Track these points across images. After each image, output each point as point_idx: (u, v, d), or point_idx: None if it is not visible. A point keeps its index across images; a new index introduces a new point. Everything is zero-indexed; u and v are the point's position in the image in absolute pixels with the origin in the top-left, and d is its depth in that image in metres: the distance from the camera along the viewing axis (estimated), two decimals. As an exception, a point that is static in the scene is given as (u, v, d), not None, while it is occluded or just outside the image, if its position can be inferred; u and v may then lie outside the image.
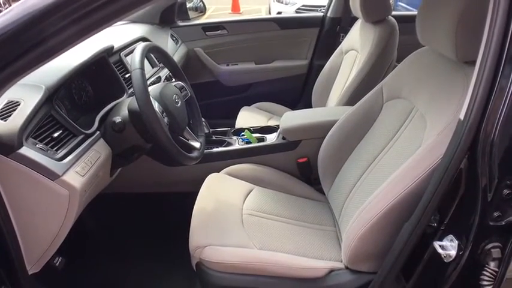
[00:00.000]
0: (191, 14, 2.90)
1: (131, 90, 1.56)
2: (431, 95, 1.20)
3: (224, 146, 1.80)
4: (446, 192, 0.90)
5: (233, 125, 2.26)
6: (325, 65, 2.34)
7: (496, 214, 0.85)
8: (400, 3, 7.92)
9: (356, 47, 2.10)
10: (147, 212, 1.89)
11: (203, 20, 2.90)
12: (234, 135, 1.90)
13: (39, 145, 1.05)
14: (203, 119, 1.75)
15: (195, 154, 1.36)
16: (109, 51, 1.51)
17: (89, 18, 0.75)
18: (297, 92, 2.80)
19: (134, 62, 1.17)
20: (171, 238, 1.63)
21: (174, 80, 1.50)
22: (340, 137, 1.52)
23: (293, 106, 2.65)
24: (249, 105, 2.49)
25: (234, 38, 2.68)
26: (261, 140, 1.83)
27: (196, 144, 1.41)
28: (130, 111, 1.24)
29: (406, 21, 2.10)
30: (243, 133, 1.83)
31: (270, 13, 7.62)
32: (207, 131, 1.77)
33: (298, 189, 1.67)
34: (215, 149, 1.77)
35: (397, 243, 1.03)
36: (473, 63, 1.10)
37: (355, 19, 2.23)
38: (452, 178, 0.88)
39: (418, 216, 0.95)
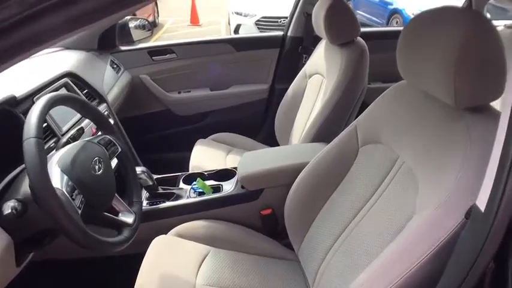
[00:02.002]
0: (139, 33, 2.53)
1: (47, 145, 1.25)
2: (419, 145, 0.96)
3: (173, 200, 1.51)
4: None
5: (188, 159, 1.98)
6: (288, 89, 2.10)
7: None
8: (358, 12, 7.89)
9: (321, 71, 1.86)
10: (83, 281, 1.57)
11: (157, 37, 2.59)
12: (185, 184, 1.60)
13: None
14: (144, 169, 1.45)
15: (123, 236, 1.04)
16: (11, 103, 1.19)
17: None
18: (258, 119, 2.54)
19: (27, 128, 0.87)
20: None
21: (99, 133, 1.19)
22: (310, 186, 1.29)
23: (255, 135, 2.39)
24: (205, 137, 2.20)
25: (184, 62, 2.38)
26: (217, 189, 1.55)
27: (129, 219, 1.09)
28: (31, 188, 0.93)
29: (376, 39, 1.90)
30: (194, 182, 1.54)
31: (229, 24, 7.42)
32: (150, 182, 1.47)
33: (263, 247, 1.40)
34: (162, 205, 1.47)
35: None
36: (475, 110, 0.88)
37: (318, 38, 1.99)
38: None
39: None
